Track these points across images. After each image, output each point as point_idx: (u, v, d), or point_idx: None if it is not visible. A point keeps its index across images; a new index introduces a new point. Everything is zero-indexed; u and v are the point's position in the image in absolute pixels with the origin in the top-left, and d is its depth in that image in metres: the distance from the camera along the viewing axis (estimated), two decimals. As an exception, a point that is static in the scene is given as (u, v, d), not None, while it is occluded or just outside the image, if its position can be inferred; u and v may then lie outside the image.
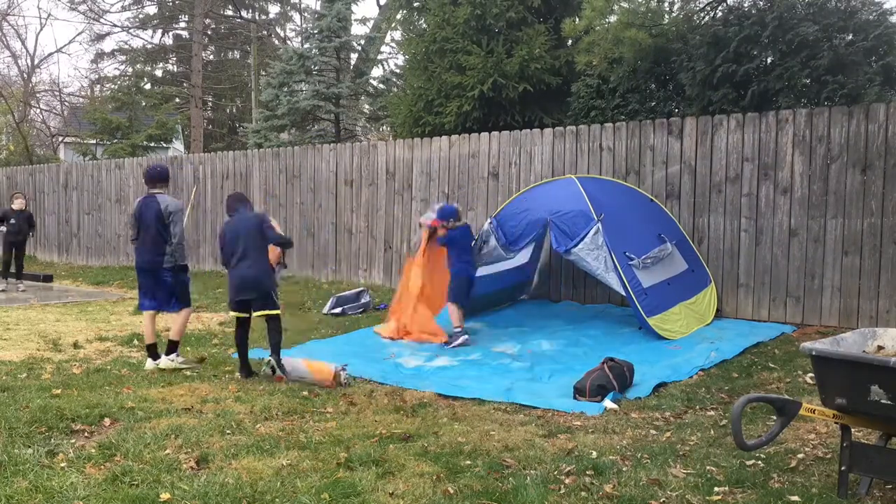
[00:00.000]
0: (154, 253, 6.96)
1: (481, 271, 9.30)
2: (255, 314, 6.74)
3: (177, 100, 30.32)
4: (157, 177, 7.21)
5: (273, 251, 6.99)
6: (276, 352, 6.63)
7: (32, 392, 5.96)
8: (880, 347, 4.13)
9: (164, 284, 7.03)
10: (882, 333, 4.23)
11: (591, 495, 4.01)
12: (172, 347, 7.13)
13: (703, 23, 11.16)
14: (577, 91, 12.35)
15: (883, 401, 3.59)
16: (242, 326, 6.82)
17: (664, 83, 11.81)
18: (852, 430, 3.95)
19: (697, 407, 5.74)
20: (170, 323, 7.50)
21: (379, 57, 23.24)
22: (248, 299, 6.70)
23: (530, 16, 13.30)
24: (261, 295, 6.67)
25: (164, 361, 7.01)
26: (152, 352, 7.08)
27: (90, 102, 30.08)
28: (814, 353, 3.85)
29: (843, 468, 3.89)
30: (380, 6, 25.63)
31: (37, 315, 10.18)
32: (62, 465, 4.40)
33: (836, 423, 3.92)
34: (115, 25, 31.77)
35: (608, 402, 5.78)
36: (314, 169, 13.54)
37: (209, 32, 32.47)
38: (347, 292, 10.84)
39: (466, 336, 8.17)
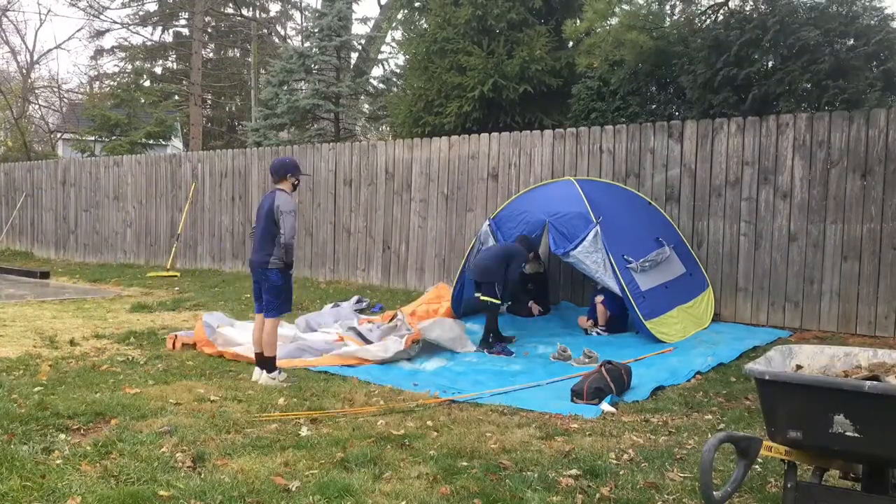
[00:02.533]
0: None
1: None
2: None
3: (176, 97, 30.27)
4: (274, 171, 6.74)
5: None
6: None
7: (28, 389, 5.94)
8: (798, 367, 3.62)
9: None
10: (798, 351, 3.73)
11: (588, 498, 4.00)
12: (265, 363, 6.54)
13: (704, 26, 11.15)
14: (578, 93, 12.34)
15: (848, 433, 3.06)
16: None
17: (665, 86, 11.80)
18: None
19: (695, 411, 5.73)
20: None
21: (379, 56, 23.21)
22: None
23: (531, 17, 13.30)
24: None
25: (265, 378, 6.45)
26: (258, 361, 6.61)
27: (89, 99, 30.03)
28: (766, 377, 3.25)
29: None
30: (381, 6, 25.61)
31: (33, 312, 10.16)
32: (58, 461, 4.38)
33: (784, 459, 3.33)
34: (115, 22, 31.57)
35: (605, 406, 5.76)
36: (313, 168, 13.51)
37: (209, 30, 32.43)
38: (344, 303, 10.70)
39: None
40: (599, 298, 8.78)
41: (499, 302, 8.11)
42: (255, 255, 6.65)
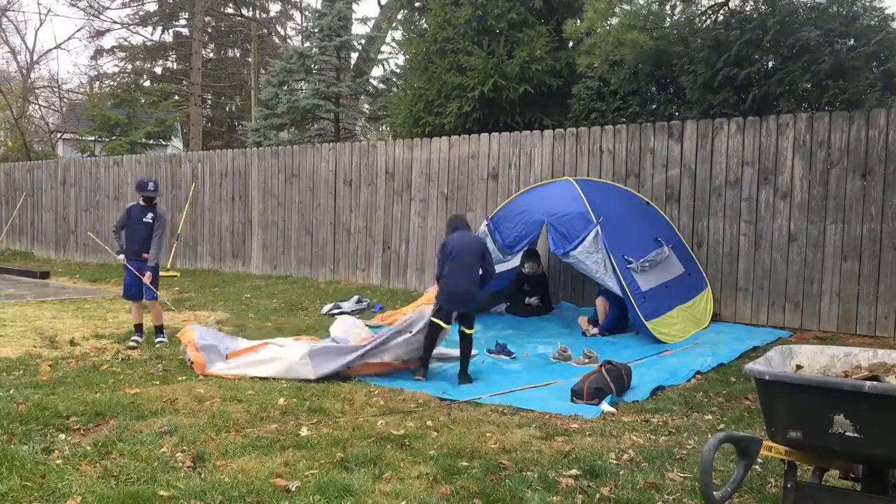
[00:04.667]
0: None
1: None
2: (462, 329, 6.83)
3: (176, 97, 30.24)
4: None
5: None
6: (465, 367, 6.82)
7: (28, 389, 5.94)
8: (798, 367, 3.62)
9: None
10: (798, 351, 3.73)
11: (587, 498, 4.00)
12: None
13: (704, 26, 11.14)
14: (578, 93, 12.34)
15: (848, 433, 3.04)
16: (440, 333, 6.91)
17: (665, 86, 11.80)
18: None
19: (695, 411, 5.73)
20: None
21: (379, 57, 23.18)
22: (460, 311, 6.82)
23: (532, 17, 13.29)
24: (471, 310, 6.86)
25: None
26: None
27: (89, 99, 30.01)
28: (767, 377, 3.22)
29: None
30: (381, 6, 25.60)
31: (33, 312, 10.15)
32: (58, 461, 4.38)
33: (784, 459, 3.33)
34: (115, 22, 31.52)
35: (605, 406, 5.76)
36: (313, 168, 13.52)
37: (209, 30, 32.42)
38: (344, 303, 10.77)
39: None
40: (600, 301, 8.80)
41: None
42: None
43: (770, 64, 10.28)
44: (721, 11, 11.20)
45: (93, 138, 24.04)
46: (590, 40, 11.19)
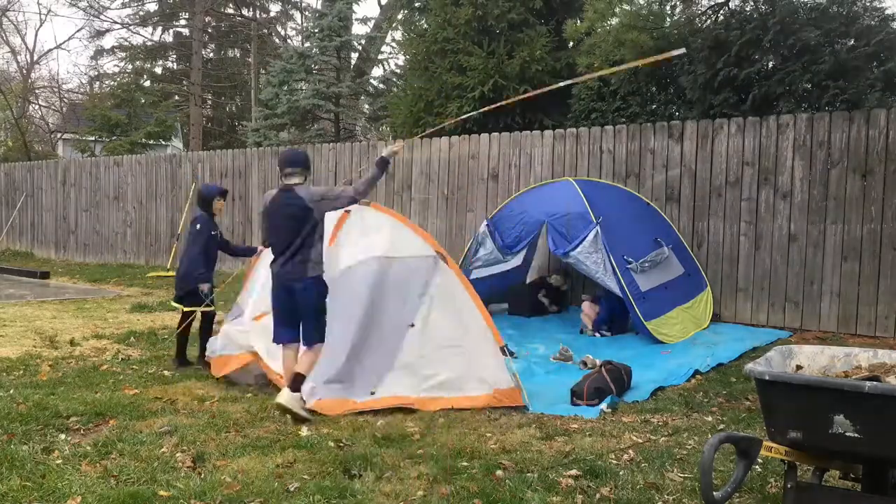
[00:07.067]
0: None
1: (478, 273, 9.29)
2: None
3: (176, 97, 30.24)
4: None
5: None
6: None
7: (28, 389, 5.94)
8: (799, 367, 3.63)
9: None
10: (798, 352, 3.73)
11: (587, 498, 3.99)
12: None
13: (704, 26, 11.15)
14: (578, 93, 12.34)
15: (848, 433, 3.04)
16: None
17: (665, 86, 11.80)
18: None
19: (695, 411, 5.72)
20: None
21: (379, 57, 23.22)
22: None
23: (532, 17, 13.29)
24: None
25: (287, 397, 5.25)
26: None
27: (89, 99, 30.00)
28: (767, 377, 3.24)
29: None
30: (381, 6, 25.60)
31: (33, 312, 10.15)
32: (58, 461, 4.38)
33: (784, 460, 3.33)
34: (116, 22, 31.50)
35: (605, 406, 5.76)
36: (313, 168, 13.50)
37: (209, 30, 32.39)
38: None
39: None
40: (586, 304, 8.85)
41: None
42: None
43: (770, 64, 10.30)
44: (721, 11, 11.21)
45: (93, 138, 24.03)
46: (590, 40, 11.21)
